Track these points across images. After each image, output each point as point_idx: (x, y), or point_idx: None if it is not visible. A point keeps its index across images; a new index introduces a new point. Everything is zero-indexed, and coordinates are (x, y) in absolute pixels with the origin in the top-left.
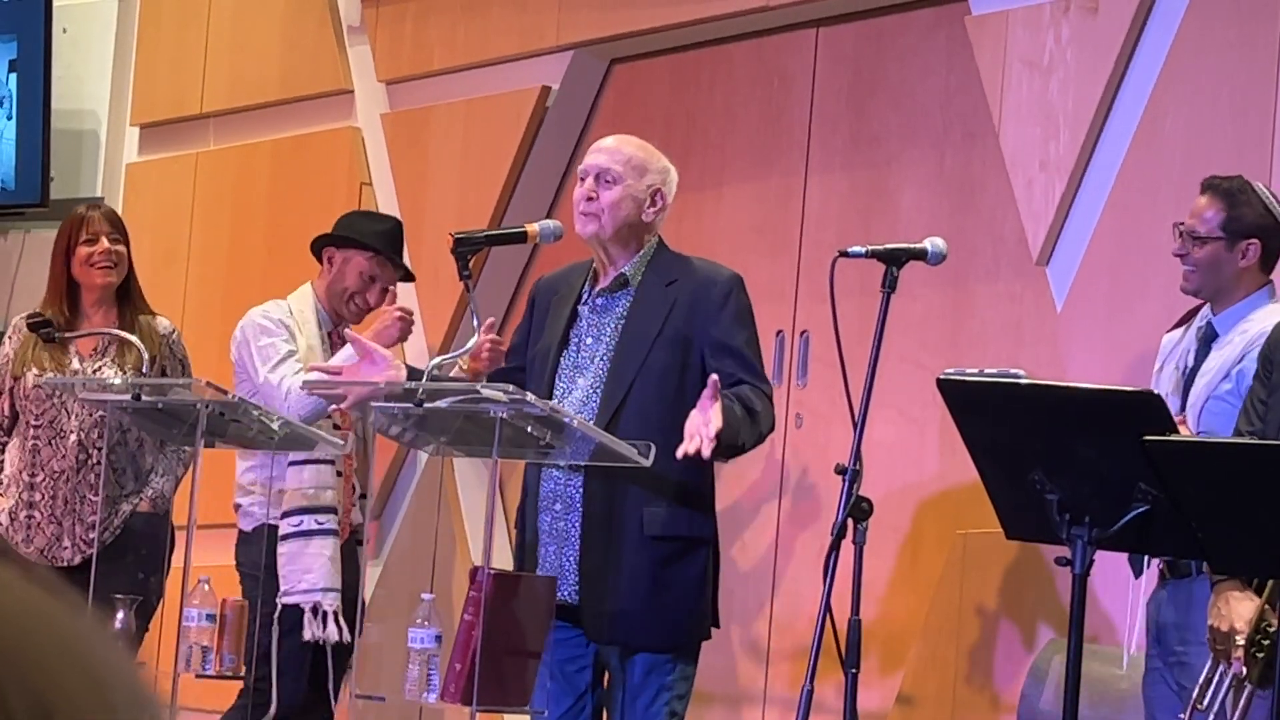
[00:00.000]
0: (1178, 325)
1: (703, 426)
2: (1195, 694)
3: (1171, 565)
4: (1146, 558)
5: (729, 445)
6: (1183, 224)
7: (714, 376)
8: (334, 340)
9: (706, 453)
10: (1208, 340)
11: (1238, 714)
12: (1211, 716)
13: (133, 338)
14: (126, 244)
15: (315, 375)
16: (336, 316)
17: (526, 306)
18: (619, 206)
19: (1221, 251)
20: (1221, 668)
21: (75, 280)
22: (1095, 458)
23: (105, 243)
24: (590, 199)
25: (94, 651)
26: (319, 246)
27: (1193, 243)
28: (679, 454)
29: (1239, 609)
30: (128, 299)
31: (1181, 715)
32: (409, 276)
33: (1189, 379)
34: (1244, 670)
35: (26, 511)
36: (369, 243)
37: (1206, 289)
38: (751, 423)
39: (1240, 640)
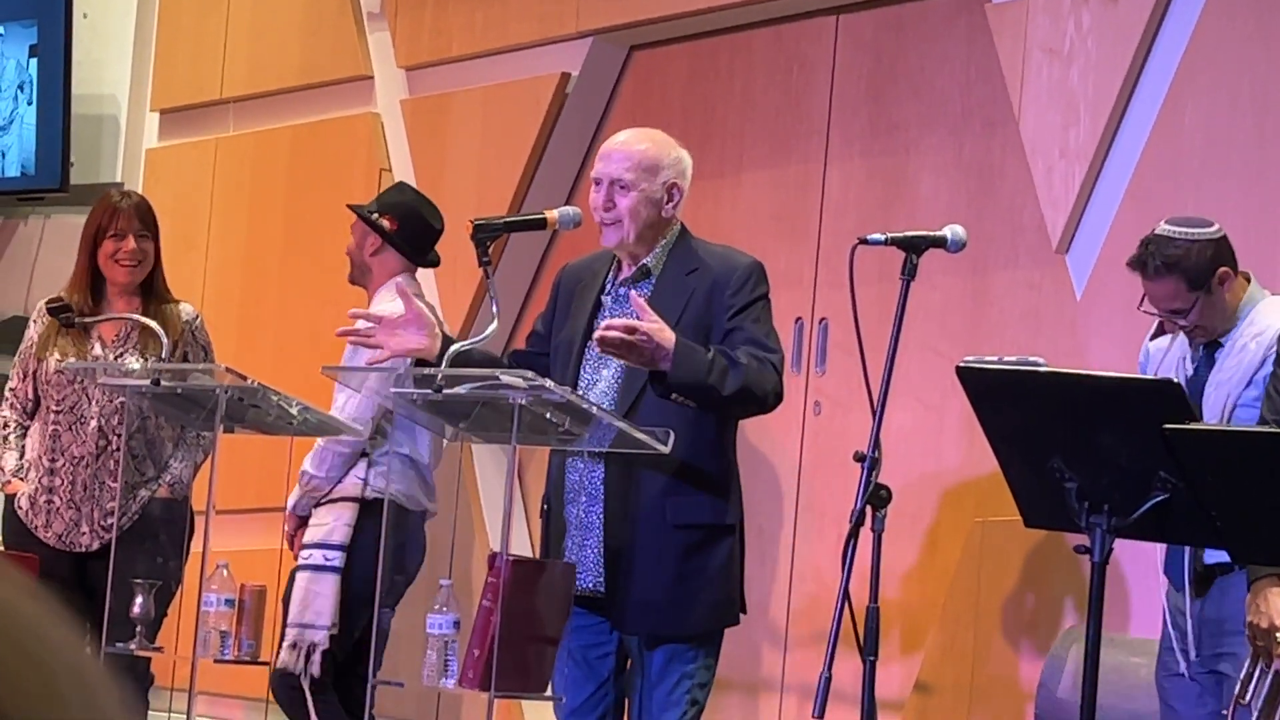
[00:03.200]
0: (1159, 334)
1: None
2: (1237, 690)
3: (1198, 583)
4: (1188, 568)
5: (693, 385)
6: (1153, 312)
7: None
8: None
9: (603, 334)
10: (1211, 349)
11: None
12: (1256, 714)
13: (153, 324)
14: (154, 237)
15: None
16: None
17: (551, 293)
18: (636, 212)
19: (1206, 301)
20: (1261, 664)
21: (100, 270)
22: (1115, 446)
23: (132, 241)
24: (608, 208)
25: (47, 644)
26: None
27: (1182, 317)
28: (594, 336)
29: (1278, 604)
30: (151, 289)
31: (1225, 711)
32: (372, 214)
33: (1194, 390)
34: None
35: (46, 496)
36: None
37: (1219, 328)
38: (732, 368)
39: None
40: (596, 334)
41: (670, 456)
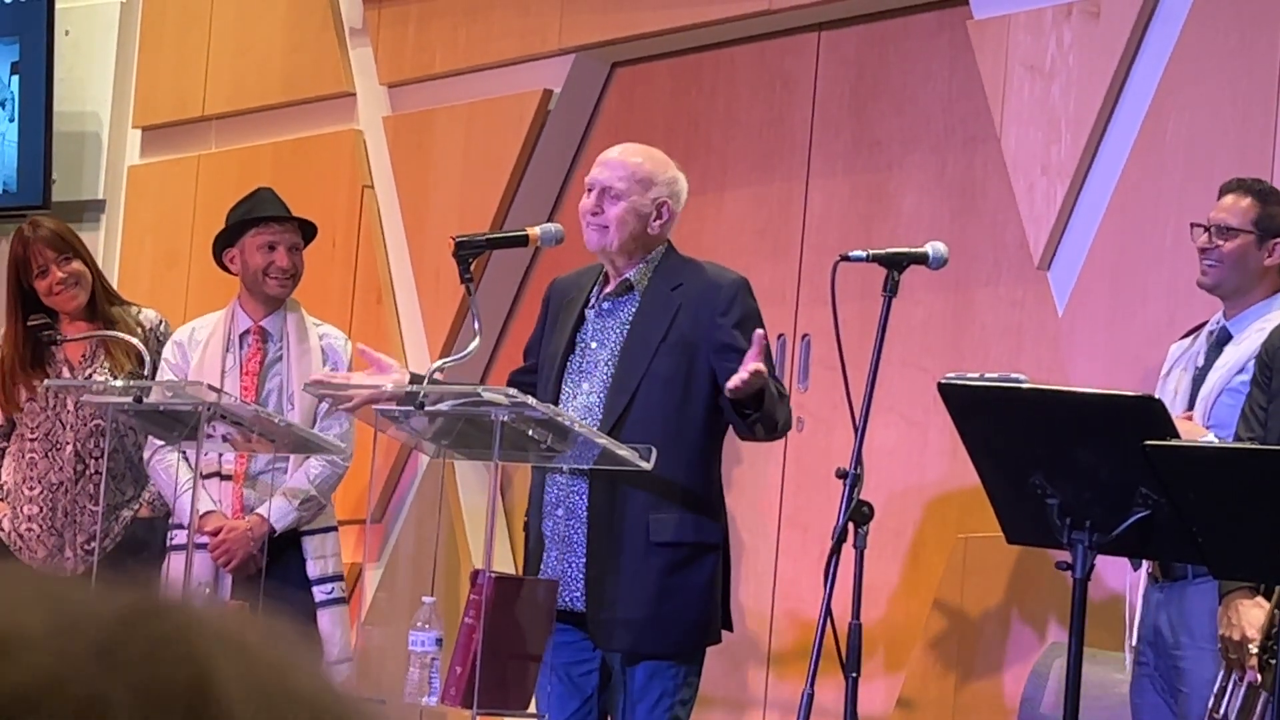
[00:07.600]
0: (1185, 335)
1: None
2: (1210, 704)
3: (1164, 568)
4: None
5: (769, 416)
6: (1203, 223)
7: (759, 332)
8: (254, 338)
9: (743, 377)
10: (1220, 343)
11: None
12: None
13: (130, 338)
14: (77, 252)
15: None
16: (263, 302)
17: (541, 309)
18: (623, 222)
19: (1250, 247)
20: (1235, 677)
21: (47, 305)
22: (1096, 462)
23: (56, 271)
24: (595, 213)
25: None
26: (221, 258)
27: (1222, 236)
28: (729, 385)
29: (1250, 616)
30: (94, 304)
31: None
32: (304, 223)
33: (1199, 379)
34: (1259, 678)
35: (25, 524)
36: (240, 220)
37: (1227, 284)
38: (782, 404)
39: (1254, 649)
40: (730, 386)
41: (654, 473)
